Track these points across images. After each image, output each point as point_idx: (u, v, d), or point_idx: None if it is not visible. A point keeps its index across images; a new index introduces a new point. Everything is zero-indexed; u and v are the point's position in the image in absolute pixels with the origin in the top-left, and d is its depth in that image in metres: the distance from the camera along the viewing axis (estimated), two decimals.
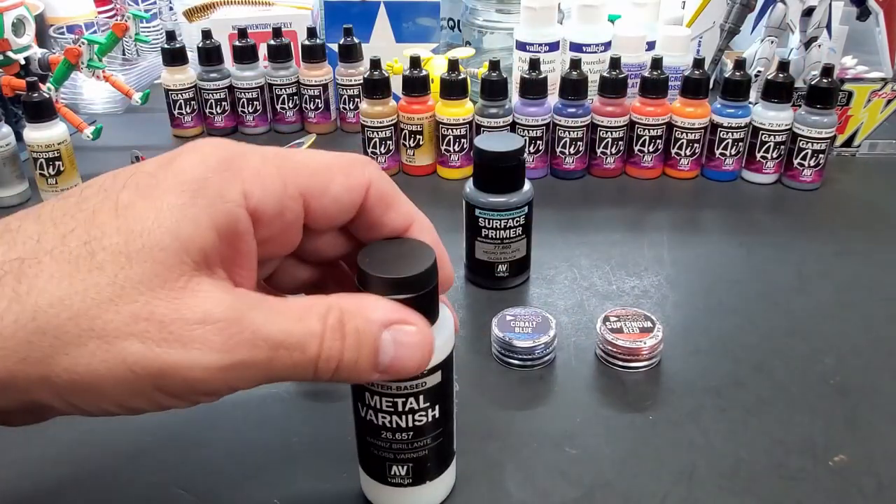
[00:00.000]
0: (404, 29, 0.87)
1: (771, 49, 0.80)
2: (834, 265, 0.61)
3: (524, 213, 0.54)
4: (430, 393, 0.33)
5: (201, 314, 0.26)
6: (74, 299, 0.25)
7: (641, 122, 0.73)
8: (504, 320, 0.49)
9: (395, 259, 0.31)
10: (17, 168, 0.71)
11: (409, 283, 0.31)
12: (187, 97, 0.86)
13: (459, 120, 0.73)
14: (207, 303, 0.26)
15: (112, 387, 0.25)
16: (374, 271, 0.30)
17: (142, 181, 0.27)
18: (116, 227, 0.26)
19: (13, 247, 0.26)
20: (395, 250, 0.32)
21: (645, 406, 0.45)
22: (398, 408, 0.33)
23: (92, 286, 0.25)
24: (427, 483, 0.36)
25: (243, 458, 0.41)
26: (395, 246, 0.33)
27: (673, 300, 0.56)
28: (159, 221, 0.26)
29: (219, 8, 0.91)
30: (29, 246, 0.26)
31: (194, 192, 0.27)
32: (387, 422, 0.34)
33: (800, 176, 0.73)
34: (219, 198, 0.27)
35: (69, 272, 0.25)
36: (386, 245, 0.33)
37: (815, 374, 0.47)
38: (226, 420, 0.43)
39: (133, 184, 0.27)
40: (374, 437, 0.35)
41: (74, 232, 0.26)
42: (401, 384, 0.33)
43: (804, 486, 0.39)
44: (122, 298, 0.25)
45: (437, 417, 0.34)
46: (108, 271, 0.25)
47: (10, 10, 0.75)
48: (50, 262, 0.25)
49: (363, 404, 0.34)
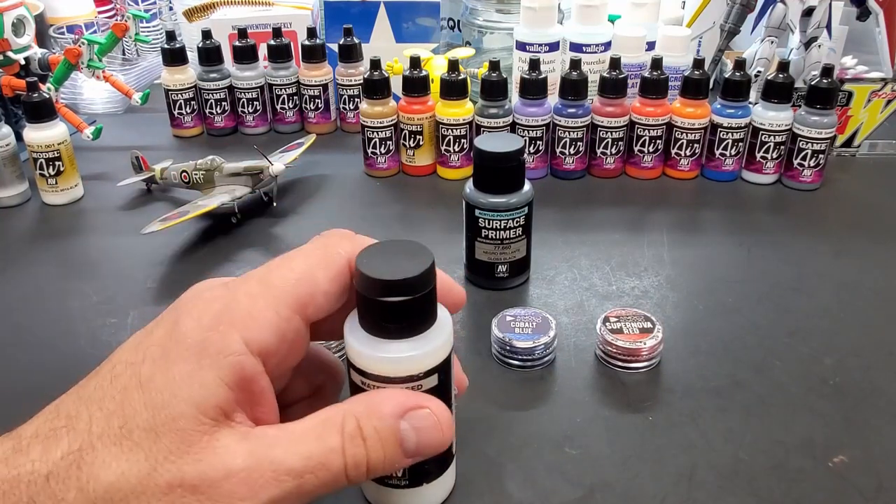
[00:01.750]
0: (404, 29, 0.87)
1: (771, 49, 0.80)
2: (834, 265, 0.61)
3: (524, 214, 0.54)
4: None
5: (224, 470, 0.28)
6: (122, 481, 0.28)
7: (641, 122, 0.73)
8: (504, 321, 0.50)
9: (392, 262, 0.31)
10: (17, 168, 0.71)
11: (407, 286, 0.31)
12: (187, 97, 0.86)
13: (459, 120, 0.73)
14: (227, 456, 0.29)
15: None
16: (372, 274, 0.30)
17: (155, 354, 0.30)
18: (144, 403, 0.29)
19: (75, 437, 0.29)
20: (393, 253, 0.32)
21: (645, 407, 0.45)
22: None
23: (134, 464, 0.28)
24: (425, 485, 0.36)
25: None
26: (393, 248, 0.33)
27: (673, 300, 0.56)
28: (174, 392, 0.29)
29: (219, 8, 0.91)
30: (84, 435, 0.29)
31: (198, 355, 0.30)
32: None
33: (800, 176, 0.73)
34: (220, 355, 0.30)
35: (116, 455, 0.28)
36: (384, 248, 0.33)
37: (814, 375, 0.48)
38: None
39: (150, 357, 0.30)
40: None
41: (115, 414, 0.29)
42: (397, 386, 0.33)
43: (804, 486, 0.39)
44: (157, 471, 0.28)
45: None
46: (144, 447, 0.28)
47: (10, 10, 0.75)
48: (102, 449, 0.29)
49: None
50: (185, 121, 0.87)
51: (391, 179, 0.77)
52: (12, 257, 0.64)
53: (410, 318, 0.32)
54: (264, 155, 0.68)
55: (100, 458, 0.28)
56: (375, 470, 0.31)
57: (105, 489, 0.28)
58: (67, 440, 0.29)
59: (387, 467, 0.31)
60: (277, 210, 0.70)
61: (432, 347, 0.33)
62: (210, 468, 0.28)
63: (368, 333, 0.32)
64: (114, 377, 0.31)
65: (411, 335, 0.32)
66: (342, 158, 0.81)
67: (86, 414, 0.30)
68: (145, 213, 0.71)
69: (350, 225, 0.69)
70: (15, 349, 0.52)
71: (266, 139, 0.87)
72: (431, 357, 0.33)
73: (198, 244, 0.65)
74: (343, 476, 0.30)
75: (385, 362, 0.32)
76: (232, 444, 0.29)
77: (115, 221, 0.70)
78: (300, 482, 0.29)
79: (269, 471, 0.29)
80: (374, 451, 0.30)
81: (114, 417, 0.29)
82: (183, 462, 0.28)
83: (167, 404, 0.29)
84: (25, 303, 0.58)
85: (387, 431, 0.30)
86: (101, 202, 0.73)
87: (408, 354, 0.32)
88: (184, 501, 0.28)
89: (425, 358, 0.33)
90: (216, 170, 0.68)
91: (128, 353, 0.31)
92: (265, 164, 0.67)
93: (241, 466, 0.29)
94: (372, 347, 0.32)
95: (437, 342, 0.33)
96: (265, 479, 0.29)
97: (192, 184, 0.70)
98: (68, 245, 0.66)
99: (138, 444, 0.28)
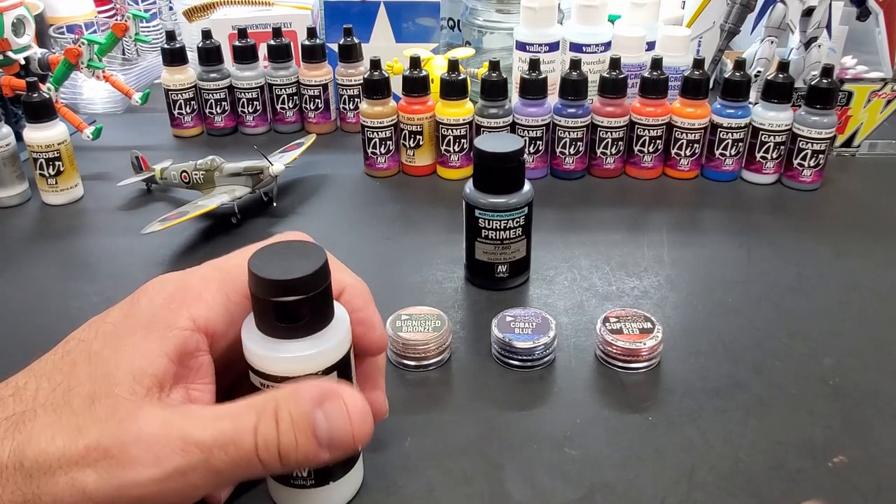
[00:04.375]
0: (404, 29, 0.87)
1: (771, 49, 0.80)
2: (834, 265, 0.61)
3: (524, 214, 0.54)
4: None
5: (135, 436, 0.29)
6: (51, 445, 0.29)
7: (641, 122, 0.73)
8: (504, 321, 0.50)
9: (285, 262, 0.32)
10: (17, 168, 0.71)
11: (300, 285, 0.31)
12: (187, 97, 0.86)
13: (459, 120, 0.73)
14: (143, 424, 0.30)
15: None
16: (264, 274, 0.31)
17: (108, 330, 0.33)
18: (88, 374, 0.31)
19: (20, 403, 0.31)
20: (286, 253, 0.33)
21: (645, 407, 0.45)
22: None
23: (65, 429, 0.30)
24: (331, 484, 0.36)
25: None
26: (286, 249, 0.33)
27: (673, 301, 0.56)
28: (118, 363, 0.31)
29: (219, 8, 0.91)
30: (29, 402, 0.31)
31: (146, 329, 0.32)
32: None
33: (799, 176, 0.73)
34: (167, 329, 0.32)
35: (53, 421, 0.30)
36: (277, 248, 0.33)
37: (814, 375, 0.48)
38: None
39: (102, 334, 0.33)
40: None
41: (61, 385, 0.31)
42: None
43: (804, 486, 0.39)
44: (82, 436, 0.29)
45: None
46: (80, 414, 0.30)
47: (10, 10, 0.75)
48: (42, 415, 0.30)
49: None
50: (185, 121, 0.87)
51: (391, 179, 0.77)
52: (12, 257, 0.64)
53: (304, 318, 0.32)
54: (264, 155, 0.68)
55: (39, 422, 0.30)
56: (288, 456, 0.30)
57: (36, 453, 0.29)
58: (13, 405, 0.31)
59: (300, 455, 0.30)
60: (277, 210, 0.70)
61: (329, 346, 0.33)
62: (124, 433, 0.29)
63: (264, 334, 0.33)
64: (66, 353, 0.33)
65: (307, 334, 0.32)
66: (342, 158, 0.81)
67: (34, 385, 0.32)
68: (145, 213, 0.71)
69: (350, 225, 0.69)
70: (15, 349, 0.52)
71: (266, 139, 0.87)
72: (328, 355, 0.33)
73: (198, 244, 0.65)
74: (254, 456, 0.30)
75: (281, 362, 0.33)
76: (152, 412, 0.30)
77: (115, 221, 0.70)
78: (208, 456, 0.29)
79: (178, 440, 0.29)
80: (285, 434, 0.30)
81: (59, 388, 0.31)
82: (105, 427, 0.30)
83: (109, 374, 0.31)
84: (25, 303, 0.58)
85: (301, 417, 0.30)
86: (101, 202, 0.73)
87: (304, 353, 0.32)
88: (98, 465, 0.29)
89: (322, 356, 0.33)
90: (216, 170, 0.68)
91: (82, 331, 0.34)
92: (265, 164, 0.67)
93: (150, 433, 0.29)
94: (268, 348, 0.33)
95: (333, 340, 0.33)
96: (171, 448, 0.29)
97: (192, 184, 0.70)
98: (68, 245, 0.66)
99: (75, 411, 0.30)
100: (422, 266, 0.60)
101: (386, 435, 0.42)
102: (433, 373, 0.48)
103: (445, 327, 0.49)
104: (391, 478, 0.40)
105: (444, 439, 0.43)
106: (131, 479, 0.29)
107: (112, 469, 0.29)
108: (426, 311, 0.50)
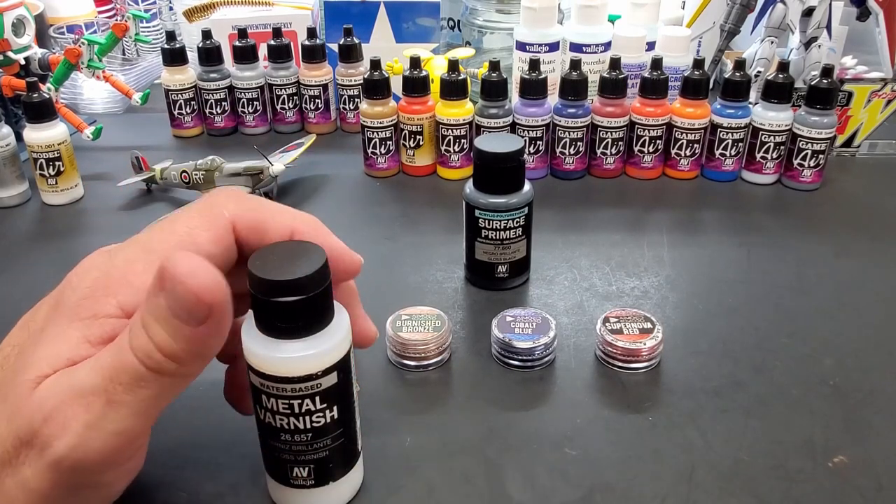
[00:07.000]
0: (404, 29, 0.87)
1: (771, 49, 0.80)
2: (834, 265, 0.61)
3: (524, 214, 0.54)
4: (326, 394, 0.33)
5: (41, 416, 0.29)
6: None
7: (641, 122, 0.73)
8: (504, 321, 0.50)
9: (284, 262, 0.32)
10: (17, 168, 0.71)
11: (299, 285, 0.31)
12: (187, 97, 0.86)
13: (459, 120, 0.73)
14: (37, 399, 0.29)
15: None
16: (264, 274, 0.31)
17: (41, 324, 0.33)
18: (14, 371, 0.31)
19: None
20: (285, 253, 0.33)
21: (645, 407, 0.45)
22: (294, 409, 0.33)
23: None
24: (331, 484, 0.36)
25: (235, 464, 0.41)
26: (286, 249, 0.33)
27: (673, 301, 0.56)
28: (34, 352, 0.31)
29: (219, 8, 0.91)
30: None
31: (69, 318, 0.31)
32: (285, 424, 0.34)
33: (799, 176, 0.73)
34: (93, 318, 0.31)
35: None
36: (277, 248, 0.33)
37: (814, 375, 0.48)
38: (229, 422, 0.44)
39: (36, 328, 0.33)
40: (274, 440, 0.35)
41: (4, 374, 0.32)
42: (295, 386, 0.33)
43: (803, 486, 0.39)
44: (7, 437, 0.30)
45: (336, 418, 0.34)
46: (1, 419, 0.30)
47: (10, 10, 0.75)
48: None
49: (261, 407, 0.34)
50: (185, 121, 0.87)
51: (391, 179, 0.77)
52: (12, 257, 0.64)
53: (304, 318, 0.32)
54: (264, 155, 0.68)
55: None
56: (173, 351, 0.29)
57: None
58: None
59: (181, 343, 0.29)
60: None
61: (329, 346, 0.33)
62: (29, 416, 0.29)
63: (264, 334, 0.33)
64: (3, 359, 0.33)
65: (307, 334, 0.32)
66: (342, 158, 0.81)
67: None
68: (145, 213, 0.71)
69: (350, 225, 0.69)
70: None
71: (266, 139, 0.87)
72: (329, 356, 0.33)
73: None
74: (144, 370, 0.29)
75: (282, 363, 0.32)
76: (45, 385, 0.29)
77: (115, 221, 0.70)
78: (108, 397, 0.29)
79: (75, 398, 0.29)
80: (155, 333, 0.29)
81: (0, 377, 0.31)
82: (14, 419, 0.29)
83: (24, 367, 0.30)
84: (25, 303, 0.57)
85: (156, 310, 0.29)
86: (102, 202, 0.73)
87: (304, 354, 0.32)
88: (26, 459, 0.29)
89: (322, 357, 0.33)
90: (216, 170, 0.68)
91: (16, 335, 0.34)
92: (265, 164, 0.67)
93: (49, 406, 0.29)
94: (268, 348, 0.32)
95: (333, 340, 0.33)
96: (73, 409, 0.29)
97: (193, 184, 0.70)
98: (68, 245, 0.66)
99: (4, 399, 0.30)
100: (422, 266, 0.60)
101: (386, 435, 0.42)
102: (433, 373, 0.48)
103: (445, 327, 0.49)
104: (391, 478, 0.40)
105: (444, 439, 0.43)
106: (55, 456, 0.28)
107: (37, 457, 0.29)
108: (426, 311, 0.50)
